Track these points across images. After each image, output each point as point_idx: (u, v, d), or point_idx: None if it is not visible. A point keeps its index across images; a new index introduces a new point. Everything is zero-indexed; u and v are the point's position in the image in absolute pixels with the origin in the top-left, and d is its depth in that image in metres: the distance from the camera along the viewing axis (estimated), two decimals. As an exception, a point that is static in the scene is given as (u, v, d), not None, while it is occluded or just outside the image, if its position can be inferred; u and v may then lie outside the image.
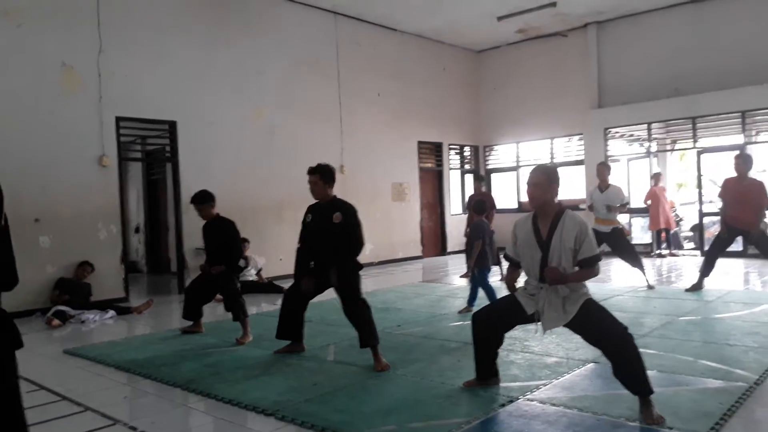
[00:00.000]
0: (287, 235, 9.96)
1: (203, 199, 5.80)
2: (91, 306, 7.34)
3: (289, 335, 4.99)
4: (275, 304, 7.72)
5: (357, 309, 4.59)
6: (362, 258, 4.79)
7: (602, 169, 7.87)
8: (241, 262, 8.59)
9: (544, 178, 3.44)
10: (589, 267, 3.37)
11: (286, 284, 8.82)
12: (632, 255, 7.71)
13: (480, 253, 6.37)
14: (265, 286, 8.87)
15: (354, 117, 11.86)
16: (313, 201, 4.87)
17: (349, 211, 4.68)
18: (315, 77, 11.17)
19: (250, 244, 9.10)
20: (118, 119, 8.39)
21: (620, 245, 7.73)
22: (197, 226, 6.07)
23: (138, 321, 7.10)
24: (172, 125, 9.04)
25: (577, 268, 3.40)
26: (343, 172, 11.21)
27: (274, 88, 10.44)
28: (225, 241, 5.74)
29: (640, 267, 7.65)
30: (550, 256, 3.39)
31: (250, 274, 8.97)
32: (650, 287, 7.61)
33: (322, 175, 4.72)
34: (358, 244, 4.65)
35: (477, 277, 6.45)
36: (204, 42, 9.46)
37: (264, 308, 7.59)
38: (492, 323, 3.70)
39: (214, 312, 7.11)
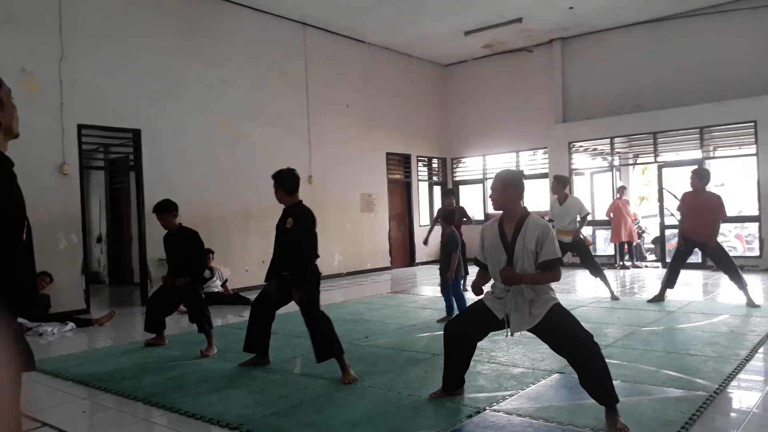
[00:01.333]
0: (253, 246, 9.87)
1: (165, 208, 5.70)
2: (49, 318, 7.11)
3: (256, 348, 4.92)
4: (241, 315, 7.62)
5: (312, 321, 4.52)
6: (330, 269, 4.79)
7: (554, 184, 8.00)
8: (207, 273, 8.48)
9: (499, 183, 3.54)
10: (549, 270, 3.40)
11: (253, 296, 8.73)
12: (593, 265, 7.84)
13: (450, 264, 6.47)
14: (231, 298, 8.74)
15: (322, 128, 11.84)
16: (277, 205, 4.88)
17: (300, 216, 4.58)
18: (283, 88, 11.13)
19: (216, 255, 8.98)
20: (80, 127, 8.21)
21: (582, 255, 7.88)
22: (161, 236, 5.96)
23: (99, 333, 6.91)
24: (137, 134, 8.88)
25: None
26: (312, 183, 11.16)
27: (241, 98, 10.36)
28: (188, 251, 5.65)
29: (603, 278, 7.78)
30: (514, 260, 3.44)
31: (216, 286, 8.83)
32: (614, 298, 7.75)
33: (276, 182, 4.71)
34: (306, 250, 4.51)
35: (451, 285, 6.50)
36: (170, 51, 9.35)
37: (230, 320, 7.47)
38: (465, 332, 3.70)
39: (178, 324, 6.97)
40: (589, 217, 7.86)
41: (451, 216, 6.88)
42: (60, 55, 8.02)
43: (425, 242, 8.84)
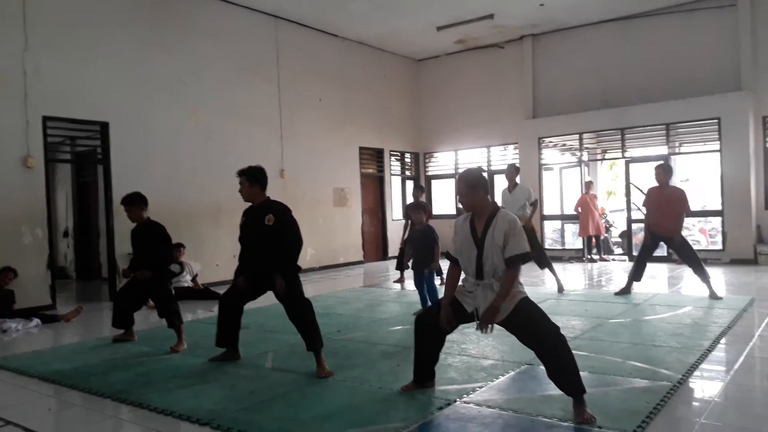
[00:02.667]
0: (224, 240, 9.78)
1: (133, 201, 5.61)
2: (14, 314, 6.95)
3: (229, 342, 4.89)
4: (211, 311, 7.56)
5: (301, 310, 4.52)
6: (303, 263, 4.77)
7: (509, 172, 8.08)
8: (176, 268, 8.40)
9: (463, 186, 3.59)
10: (513, 266, 3.42)
11: (223, 290, 8.66)
12: (541, 256, 7.92)
13: (432, 256, 6.47)
14: (201, 293, 8.66)
15: (295, 122, 11.77)
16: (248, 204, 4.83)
17: (281, 212, 4.60)
18: (255, 81, 11.03)
19: (186, 250, 8.88)
20: (45, 119, 8.02)
21: (531, 245, 7.86)
22: (129, 231, 5.87)
23: (65, 329, 6.78)
24: (104, 126, 8.71)
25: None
26: (284, 177, 11.10)
27: (213, 91, 10.23)
28: (154, 244, 5.56)
29: (550, 268, 7.90)
30: (484, 254, 3.48)
31: (186, 281, 8.74)
32: (561, 290, 7.90)
33: (248, 177, 4.66)
34: (295, 244, 4.58)
35: (427, 276, 6.52)
36: (140, 43, 9.18)
37: (200, 315, 7.40)
38: (435, 325, 3.73)
39: (146, 319, 6.89)
40: (556, 211, 8.02)
41: (423, 208, 6.96)
42: (23, 45, 7.81)
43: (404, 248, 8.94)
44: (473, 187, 3.56)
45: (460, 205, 3.66)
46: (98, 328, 6.89)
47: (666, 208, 7.32)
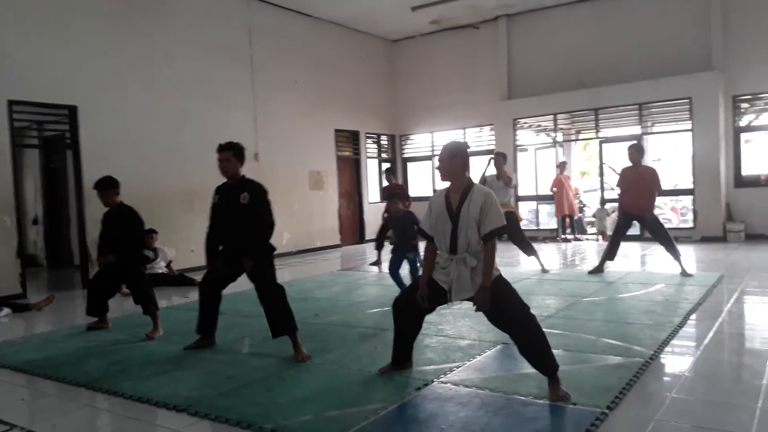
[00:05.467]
0: (198, 225, 9.54)
1: (107, 186, 5.51)
2: (-17, 304, 6.82)
3: (210, 328, 4.84)
4: (186, 296, 7.50)
5: (271, 295, 4.50)
6: (280, 248, 4.74)
7: (501, 160, 8.08)
8: (150, 254, 8.29)
9: (446, 153, 3.59)
10: (491, 240, 3.44)
11: (198, 276, 8.57)
12: (524, 243, 7.97)
13: (415, 240, 6.46)
14: (176, 279, 8.57)
15: (269, 104, 11.63)
16: (221, 183, 4.76)
17: (257, 191, 4.55)
18: (227, 63, 10.85)
19: (159, 236, 8.76)
20: (11, 102, 7.80)
21: (513, 231, 7.86)
22: (101, 216, 5.76)
23: (37, 318, 6.66)
24: (73, 110, 8.51)
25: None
26: (258, 160, 10.99)
27: (185, 73, 10.05)
28: (125, 229, 5.47)
29: (534, 253, 7.99)
30: (459, 228, 3.49)
31: (160, 267, 8.64)
32: (544, 271, 8.00)
33: (235, 152, 4.61)
34: (267, 225, 4.53)
35: (412, 260, 6.49)
36: (109, 24, 8.95)
37: (175, 302, 7.33)
38: (413, 306, 3.73)
39: (120, 306, 6.80)
40: (532, 192, 8.05)
41: (398, 195, 6.90)
42: (-15, 26, 7.57)
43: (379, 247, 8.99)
44: (453, 156, 3.56)
45: (439, 181, 3.66)
46: (71, 316, 6.79)
47: (639, 188, 7.43)
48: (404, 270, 6.58)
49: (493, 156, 8.22)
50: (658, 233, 7.52)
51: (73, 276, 9.80)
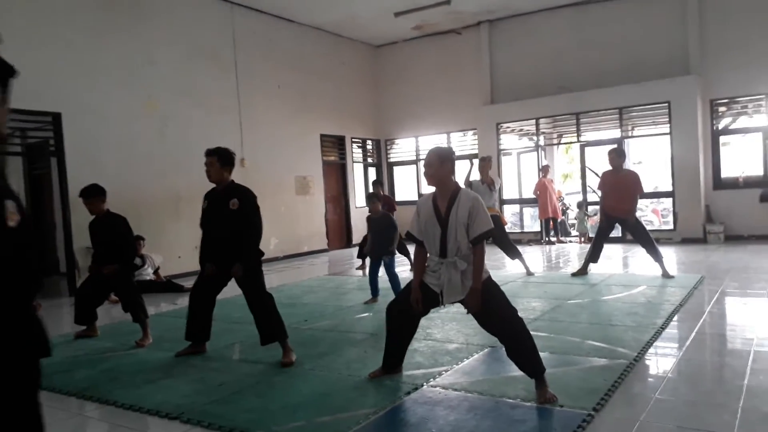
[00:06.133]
0: (185, 231, 9.65)
1: (93, 193, 5.50)
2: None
3: (199, 335, 4.85)
4: (175, 303, 7.49)
5: (260, 302, 4.53)
6: (267, 252, 4.76)
7: (487, 164, 8.19)
8: (138, 261, 8.25)
9: (435, 158, 3.63)
10: (480, 243, 3.52)
11: (186, 282, 8.56)
12: (509, 246, 8.08)
13: (391, 242, 6.54)
14: (164, 285, 8.55)
15: (254, 109, 11.64)
16: (209, 188, 4.78)
17: (246, 197, 4.57)
18: (211, 68, 10.85)
19: (146, 242, 8.74)
20: (-6, 110, 7.73)
21: (498, 235, 7.85)
22: (87, 224, 5.74)
23: (22, 327, 6.60)
24: (56, 117, 8.46)
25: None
26: (245, 166, 10.99)
27: (169, 78, 10.03)
28: (117, 238, 5.47)
29: (519, 256, 8.08)
30: (448, 232, 3.55)
31: (147, 273, 8.61)
32: (530, 273, 8.10)
33: (219, 157, 4.61)
34: (256, 231, 4.56)
35: (388, 264, 6.58)
36: (91, 29, 8.91)
37: (163, 308, 7.32)
38: (407, 312, 3.79)
39: (109, 314, 6.78)
40: (515, 195, 8.13)
41: (377, 196, 7.07)
42: (-33, 33, 7.50)
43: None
44: (443, 161, 3.62)
45: (424, 185, 3.72)
46: (58, 324, 6.74)
47: (620, 191, 7.57)
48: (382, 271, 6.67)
49: (476, 158, 8.31)
50: (640, 235, 7.65)
51: (59, 283, 9.71)
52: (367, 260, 9.41)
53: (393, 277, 6.60)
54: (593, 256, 7.88)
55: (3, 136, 1.76)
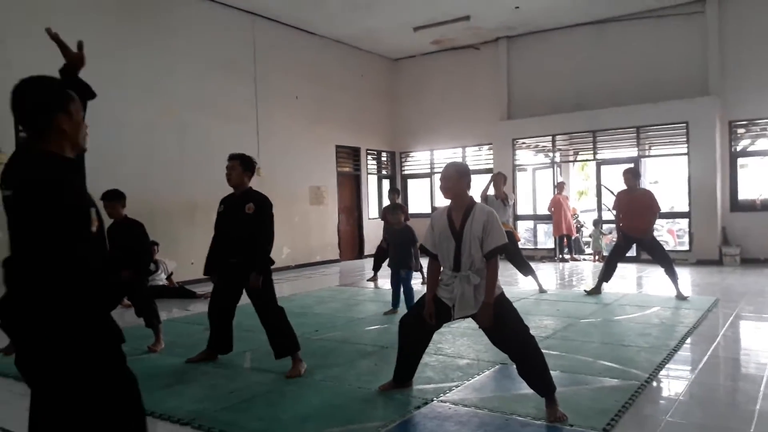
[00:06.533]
0: (199, 237, 9.68)
1: (114, 197, 5.57)
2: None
3: (224, 348, 4.90)
4: (187, 309, 7.55)
5: (273, 316, 4.56)
6: (279, 261, 4.80)
7: (501, 180, 8.17)
8: (151, 266, 8.34)
9: (454, 172, 3.66)
10: (494, 257, 3.53)
11: (198, 289, 8.63)
12: (521, 262, 8.03)
13: (411, 256, 6.57)
14: (177, 291, 8.63)
15: (271, 119, 11.75)
16: (226, 194, 4.82)
17: (262, 203, 4.62)
18: (231, 78, 10.99)
19: (160, 248, 8.82)
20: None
21: (511, 251, 7.84)
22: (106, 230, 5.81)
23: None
24: (78, 123, 8.59)
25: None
26: (260, 175, 11.04)
27: (188, 88, 10.16)
28: (134, 243, 5.54)
29: (532, 273, 8.04)
30: (462, 246, 3.57)
31: (161, 279, 8.69)
32: (542, 291, 8.06)
33: (242, 162, 4.67)
34: (269, 238, 4.58)
35: (404, 278, 6.60)
36: (112, 37, 9.05)
37: (175, 314, 7.38)
38: (421, 325, 3.79)
39: (121, 318, 6.83)
40: (530, 212, 8.13)
41: (401, 208, 7.09)
42: (-5, 38, 7.68)
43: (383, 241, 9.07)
44: (462, 175, 3.66)
45: (441, 190, 3.73)
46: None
47: (636, 210, 7.54)
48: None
49: (493, 175, 8.32)
50: (657, 254, 7.61)
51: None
52: (380, 272, 9.49)
53: (408, 291, 6.61)
54: (606, 275, 7.84)
55: (83, 149, 2.16)
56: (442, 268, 3.72)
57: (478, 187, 8.70)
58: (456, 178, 3.65)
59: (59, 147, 2.01)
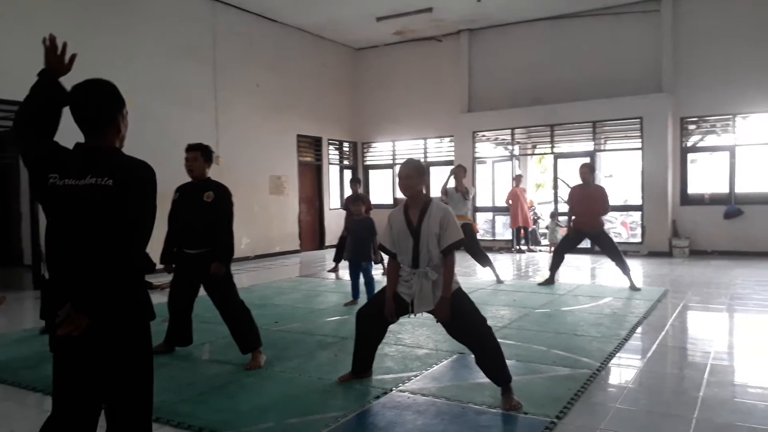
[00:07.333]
0: (156, 228, 9.53)
1: None
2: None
3: (183, 341, 4.84)
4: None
5: (236, 310, 4.52)
6: (238, 252, 4.76)
7: (462, 172, 8.27)
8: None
9: (415, 171, 3.71)
10: (450, 254, 3.60)
11: (155, 279, 8.49)
12: (480, 254, 8.17)
13: (371, 247, 6.60)
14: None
15: (231, 108, 11.59)
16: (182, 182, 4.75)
17: (222, 192, 4.55)
18: (190, 65, 10.78)
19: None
20: (-36, 98, 7.60)
21: (469, 243, 7.92)
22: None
23: (-14, 320, 6.50)
24: (28, 107, 8.30)
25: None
26: (219, 164, 10.90)
27: (146, 73, 9.92)
28: None
29: (489, 264, 8.19)
30: (420, 243, 3.62)
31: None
32: (500, 281, 8.23)
33: (203, 153, 4.62)
34: (229, 227, 4.53)
35: (365, 269, 6.64)
36: (69, 21, 8.78)
37: (132, 305, 7.23)
38: (377, 318, 3.84)
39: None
40: (488, 203, 8.19)
41: (363, 199, 7.13)
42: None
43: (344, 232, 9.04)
44: (421, 173, 3.73)
45: (400, 188, 3.77)
46: (22, 318, 6.65)
47: (589, 206, 7.75)
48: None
49: (453, 168, 8.40)
50: (607, 248, 7.84)
51: (23, 275, 9.54)
52: (341, 263, 9.49)
53: (369, 281, 6.65)
54: (555, 265, 8.07)
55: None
56: (401, 266, 3.77)
57: (438, 179, 8.80)
58: (416, 177, 3.70)
59: (114, 143, 2.34)
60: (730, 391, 3.86)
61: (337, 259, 9.78)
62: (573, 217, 7.97)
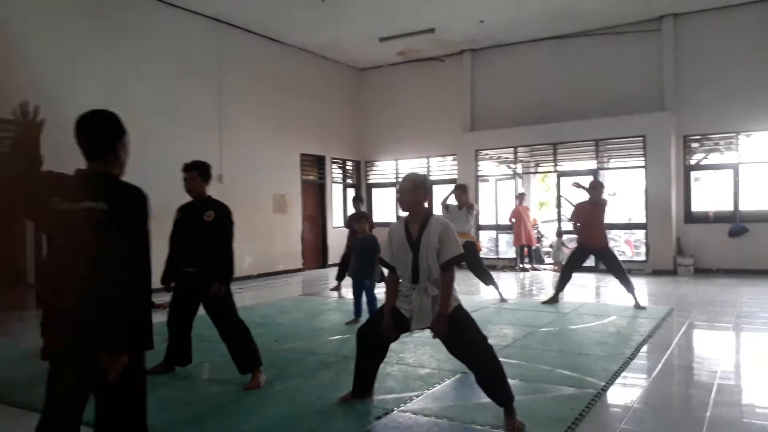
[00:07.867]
0: (157, 249, 9.47)
1: None
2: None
3: (182, 360, 4.79)
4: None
5: (235, 330, 4.48)
6: (241, 270, 4.75)
7: (460, 193, 8.23)
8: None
9: (408, 185, 3.69)
10: (449, 268, 3.56)
11: (157, 298, 8.44)
12: (482, 272, 8.11)
13: (374, 266, 6.56)
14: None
15: (235, 127, 11.65)
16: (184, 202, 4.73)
17: (222, 211, 4.54)
18: (194, 85, 10.86)
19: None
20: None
21: (472, 261, 7.99)
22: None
23: (-13, 340, 6.47)
24: (33, 127, 8.36)
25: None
26: (223, 182, 10.95)
27: (150, 93, 10.00)
28: None
29: (493, 282, 8.14)
30: (420, 257, 3.59)
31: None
32: (503, 300, 8.17)
33: (200, 171, 4.62)
34: (229, 245, 4.50)
35: (368, 287, 6.60)
36: (75, 41, 8.88)
37: (133, 324, 7.20)
38: (377, 336, 3.79)
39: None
40: (492, 222, 8.17)
41: (366, 218, 7.11)
42: (-53, 39, 7.43)
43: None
44: (416, 187, 3.68)
45: (399, 205, 3.75)
46: (23, 338, 6.60)
47: (594, 222, 7.72)
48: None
49: (454, 188, 8.36)
50: (612, 266, 7.78)
51: (25, 295, 9.50)
52: (344, 281, 9.45)
53: (372, 300, 6.60)
54: (562, 283, 8.01)
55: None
56: (401, 280, 3.74)
57: (441, 198, 8.77)
58: (411, 191, 3.67)
59: (113, 170, 2.44)
60: (738, 411, 3.79)
61: (339, 278, 9.74)
62: (579, 234, 7.95)
